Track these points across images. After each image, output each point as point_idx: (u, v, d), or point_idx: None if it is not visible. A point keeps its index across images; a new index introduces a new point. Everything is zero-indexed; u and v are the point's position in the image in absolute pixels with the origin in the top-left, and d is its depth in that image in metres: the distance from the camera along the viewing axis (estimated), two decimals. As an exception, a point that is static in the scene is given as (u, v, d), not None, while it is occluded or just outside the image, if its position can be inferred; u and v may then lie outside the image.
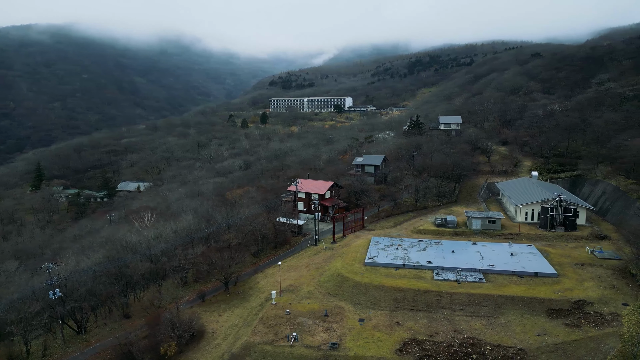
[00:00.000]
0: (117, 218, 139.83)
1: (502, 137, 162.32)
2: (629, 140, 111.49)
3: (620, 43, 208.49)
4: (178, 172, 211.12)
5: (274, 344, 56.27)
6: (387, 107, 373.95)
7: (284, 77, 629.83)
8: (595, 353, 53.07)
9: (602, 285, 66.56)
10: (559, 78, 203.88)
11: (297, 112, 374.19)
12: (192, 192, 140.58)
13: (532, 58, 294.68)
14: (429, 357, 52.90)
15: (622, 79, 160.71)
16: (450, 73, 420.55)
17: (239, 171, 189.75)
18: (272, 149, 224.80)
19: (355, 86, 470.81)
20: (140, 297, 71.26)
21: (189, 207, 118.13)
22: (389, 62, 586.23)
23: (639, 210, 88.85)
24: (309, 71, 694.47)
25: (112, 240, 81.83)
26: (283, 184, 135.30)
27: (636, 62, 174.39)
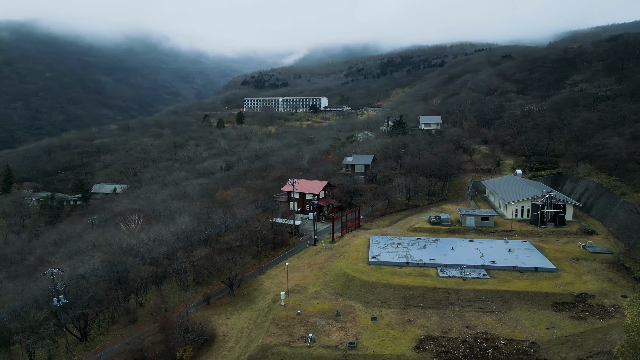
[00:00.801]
0: (98, 221, 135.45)
1: (483, 137, 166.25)
2: (607, 139, 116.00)
3: (590, 46, 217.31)
4: (156, 173, 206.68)
5: (291, 345, 55.88)
6: (362, 107, 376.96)
7: (257, 77, 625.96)
8: (603, 344, 55.10)
9: (600, 279, 69.15)
10: (533, 79, 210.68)
11: (273, 112, 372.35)
12: (177, 194, 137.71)
13: (503, 59, 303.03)
14: (446, 354, 53.71)
15: (594, 80, 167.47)
16: (422, 74, 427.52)
17: (221, 172, 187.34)
18: (252, 149, 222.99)
19: (329, 86, 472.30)
20: (143, 302, 69.32)
21: (177, 209, 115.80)
22: (362, 63, 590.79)
23: (624, 206, 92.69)
24: (281, 71, 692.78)
25: (110, 243, 79.17)
26: (271, 185, 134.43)
27: (606, 64, 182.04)
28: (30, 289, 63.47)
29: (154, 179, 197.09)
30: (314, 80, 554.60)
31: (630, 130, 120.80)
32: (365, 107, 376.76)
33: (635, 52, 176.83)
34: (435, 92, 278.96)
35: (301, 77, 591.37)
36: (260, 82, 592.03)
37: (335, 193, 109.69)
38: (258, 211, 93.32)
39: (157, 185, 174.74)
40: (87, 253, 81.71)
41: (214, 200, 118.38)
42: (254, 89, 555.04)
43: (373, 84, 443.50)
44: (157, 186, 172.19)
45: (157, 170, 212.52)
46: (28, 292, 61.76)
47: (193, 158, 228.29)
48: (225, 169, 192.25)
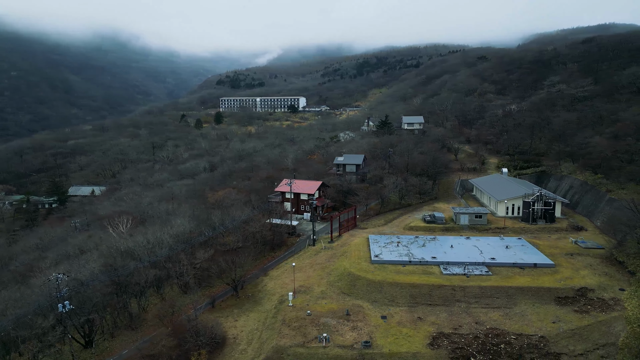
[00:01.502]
0: (82, 224, 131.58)
1: (465, 137, 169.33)
2: (589, 139, 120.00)
3: (565, 48, 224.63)
4: (136, 175, 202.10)
5: (306, 346, 55.68)
6: (340, 108, 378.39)
7: (232, 76, 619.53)
8: (608, 336, 57.01)
9: (596, 273, 71.54)
10: (511, 80, 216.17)
11: (252, 112, 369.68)
12: (163, 195, 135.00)
13: (479, 61, 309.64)
14: (460, 350, 54.55)
15: (571, 81, 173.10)
16: (399, 74, 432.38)
17: (204, 173, 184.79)
18: (234, 149, 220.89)
19: (306, 86, 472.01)
20: (145, 306, 67.74)
21: (167, 211, 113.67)
22: (337, 63, 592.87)
23: (610, 202, 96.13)
24: (257, 70, 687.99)
25: (110, 247, 76.87)
26: (260, 185, 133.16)
27: (581, 66, 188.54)
28: (29, 296, 61.03)
29: (134, 180, 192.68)
30: (291, 80, 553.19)
31: (610, 129, 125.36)
32: (343, 107, 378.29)
33: (609, 54, 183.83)
34: (414, 92, 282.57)
35: (277, 77, 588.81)
36: (236, 81, 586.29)
37: (329, 193, 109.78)
38: (256, 212, 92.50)
39: (140, 187, 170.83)
40: (80, 257, 79.09)
41: (205, 202, 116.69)
42: (229, 89, 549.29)
43: (350, 84, 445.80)
44: (140, 188, 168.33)
45: (136, 172, 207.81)
46: (27, 299, 59.35)
47: (173, 159, 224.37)
48: (209, 169, 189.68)
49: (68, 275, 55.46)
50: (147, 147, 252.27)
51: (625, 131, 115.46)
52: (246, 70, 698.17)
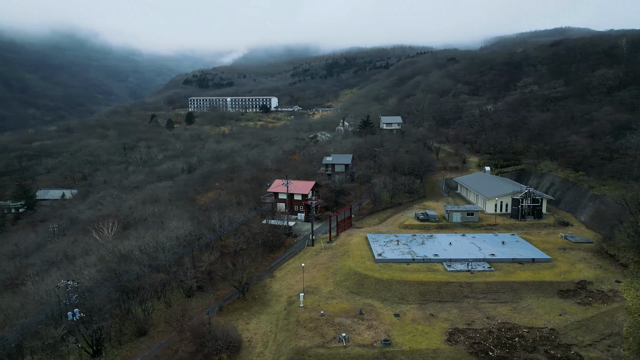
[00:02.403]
0: (59, 229, 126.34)
1: (445, 136, 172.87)
2: (567, 137, 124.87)
3: (534, 50, 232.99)
4: (109, 177, 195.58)
5: (326, 347, 55.47)
6: (313, 108, 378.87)
7: (199, 76, 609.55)
8: (612, 326, 59.56)
9: (591, 266, 74.65)
10: (484, 81, 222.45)
11: (224, 112, 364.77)
12: (145, 198, 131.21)
13: (449, 62, 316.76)
14: (478, 345, 55.70)
15: (543, 83, 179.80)
16: (369, 75, 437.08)
17: (183, 174, 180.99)
18: (210, 150, 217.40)
19: (277, 86, 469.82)
20: (150, 311, 65.74)
21: (155, 213, 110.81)
22: (307, 64, 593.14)
23: (593, 198, 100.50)
24: (224, 70, 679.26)
25: (110, 251, 73.92)
26: (246, 186, 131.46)
27: (550, 68, 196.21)
28: (30, 304, 57.97)
29: (108, 183, 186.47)
30: (260, 80, 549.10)
31: (585, 129, 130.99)
32: (316, 107, 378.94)
33: (577, 56, 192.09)
34: (388, 92, 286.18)
35: (246, 77, 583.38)
36: (204, 81, 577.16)
37: (322, 193, 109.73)
38: (255, 213, 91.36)
39: (118, 189, 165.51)
40: (74, 263, 75.69)
41: (193, 204, 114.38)
42: (197, 89, 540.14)
43: (322, 84, 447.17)
44: (117, 190, 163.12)
45: (109, 174, 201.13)
46: (29, 308, 56.33)
47: (147, 160, 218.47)
48: (187, 171, 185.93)
49: (78, 282, 53.06)
50: (118, 149, 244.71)
51: (601, 130, 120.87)
52: (213, 70, 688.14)
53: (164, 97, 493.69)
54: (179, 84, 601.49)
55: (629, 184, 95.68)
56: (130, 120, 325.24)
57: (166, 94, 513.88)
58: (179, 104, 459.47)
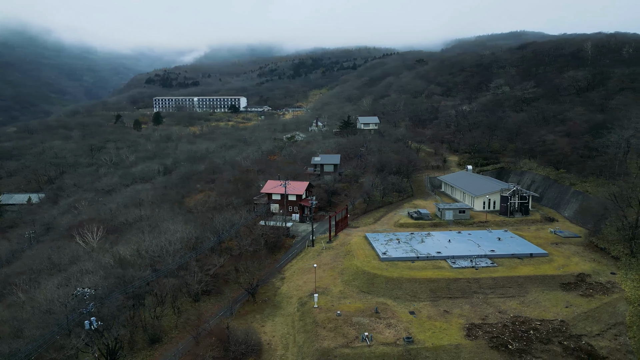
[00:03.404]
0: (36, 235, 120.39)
1: (423, 136, 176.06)
2: (544, 136, 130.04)
3: (504, 52, 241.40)
4: (79, 180, 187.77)
5: (350, 347, 55.51)
6: (282, 108, 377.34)
7: (162, 75, 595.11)
8: (616, 316, 62.63)
9: (585, 260, 78.08)
10: (456, 82, 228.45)
11: (192, 112, 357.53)
12: (129, 201, 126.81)
13: (418, 64, 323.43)
14: (497, 339, 57.20)
15: (513, 84, 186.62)
16: (337, 75, 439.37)
17: (159, 176, 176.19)
18: (185, 151, 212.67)
19: (244, 86, 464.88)
20: (160, 317, 63.67)
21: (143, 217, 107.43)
22: (273, 64, 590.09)
23: (575, 195, 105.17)
24: (188, 69, 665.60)
25: (115, 257, 70.76)
26: (231, 187, 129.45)
27: (519, 70, 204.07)
28: (38, 314, 54.73)
29: (79, 186, 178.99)
30: (226, 80, 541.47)
31: (559, 128, 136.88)
32: (285, 107, 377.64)
33: (544, 59, 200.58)
34: (360, 93, 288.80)
35: (211, 77, 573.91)
36: (167, 80, 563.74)
37: (317, 193, 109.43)
38: (255, 215, 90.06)
39: (91, 192, 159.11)
40: (71, 270, 72.17)
41: (182, 206, 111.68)
42: (161, 88, 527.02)
43: (290, 84, 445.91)
44: (91, 194, 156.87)
45: (79, 177, 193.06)
46: (38, 318, 53.16)
47: (118, 162, 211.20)
48: (163, 172, 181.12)
49: (95, 290, 50.65)
50: (85, 150, 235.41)
51: (577, 129, 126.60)
52: (175, 69, 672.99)
53: (127, 96, 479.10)
54: (140, 83, 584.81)
55: (609, 180, 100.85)
56: (94, 120, 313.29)
57: (128, 94, 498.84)
58: (142, 104, 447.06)
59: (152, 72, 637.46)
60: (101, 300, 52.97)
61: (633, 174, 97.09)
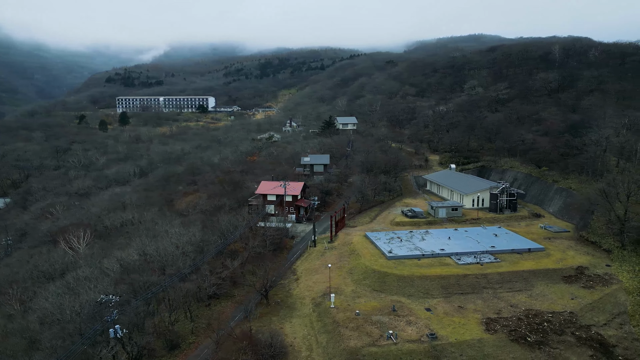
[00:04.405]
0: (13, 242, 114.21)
1: (402, 136, 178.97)
2: (524, 135, 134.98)
3: (474, 54, 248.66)
4: (49, 184, 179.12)
5: (377, 345, 55.87)
6: (252, 108, 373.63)
7: (123, 74, 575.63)
8: (618, 306, 65.99)
9: (580, 253, 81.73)
10: (430, 83, 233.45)
11: (160, 113, 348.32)
12: (112, 205, 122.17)
13: (388, 65, 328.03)
14: (515, 332, 59.02)
15: (486, 85, 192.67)
16: (306, 76, 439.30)
17: (135, 178, 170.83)
18: (159, 152, 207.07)
19: (211, 86, 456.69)
20: (174, 321, 61.84)
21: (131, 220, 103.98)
22: (239, 63, 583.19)
23: (559, 191, 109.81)
24: (149, 68, 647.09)
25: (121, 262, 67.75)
26: (218, 189, 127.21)
27: (491, 71, 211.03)
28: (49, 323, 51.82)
29: (49, 190, 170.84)
30: (191, 80, 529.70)
31: (535, 127, 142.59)
32: (255, 107, 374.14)
33: (514, 61, 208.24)
34: (333, 93, 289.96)
35: (175, 76, 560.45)
36: (129, 79, 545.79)
37: (314, 193, 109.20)
38: (259, 216, 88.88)
39: (64, 196, 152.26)
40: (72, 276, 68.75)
41: (172, 208, 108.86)
42: (123, 87, 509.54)
43: (259, 84, 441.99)
44: (65, 198, 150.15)
45: (47, 180, 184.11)
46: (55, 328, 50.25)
47: (88, 164, 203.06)
48: (139, 174, 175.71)
49: (120, 296, 48.58)
50: (50, 152, 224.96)
51: (554, 129, 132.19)
52: (136, 67, 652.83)
53: (87, 96, 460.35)
54: (100, 83, 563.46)
55: (591, 177, 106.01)
56: (56, 121, 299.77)
57: (88, 93, 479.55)
58: (104, 104, 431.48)
59: (112, 71, 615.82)
60: (123, 307, 50.84)
61: (614, 170, 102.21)
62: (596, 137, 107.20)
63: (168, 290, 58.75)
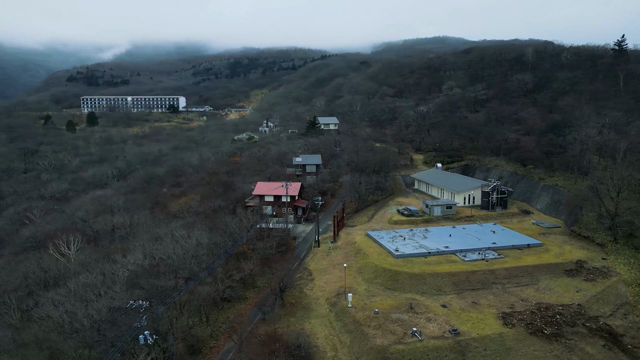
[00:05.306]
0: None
1: (384, 136, 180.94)
2: (507, 135, 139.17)
3: (450, 56, 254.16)
4: (19, 187, 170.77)
5: (403, 342, 56.37)
6: (225, 108, 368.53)
7: (85, 72, 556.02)
8: (621, 297, 69.08)
9: (576, 247, 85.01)
10: (407, 84, 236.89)
11: (129, 113, 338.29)
12: (99, 209, 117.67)
13: (362, 65, 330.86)
14: (531, 325, 60.83)
15: (464, 86, 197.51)
16: (278, 76, 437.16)
17: (114, 181, 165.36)
18: (136, 153, 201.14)
19: (181, 85, 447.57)
20: (192, 326, 60.38)
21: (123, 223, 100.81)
22: (208, 62, 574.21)
23: (545, 189, 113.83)
24: (113, 66, 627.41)
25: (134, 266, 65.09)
26: (207, 191, 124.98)
27: (467, 73, 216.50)
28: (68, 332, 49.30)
29: (22, 193, 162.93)
30: (158, 79, 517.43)
31: (516, 127, 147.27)
32: (228, 107, 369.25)
33: (489, 62, 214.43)
34: (309, 94, 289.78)
35: (141, 75, 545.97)
36: (92, 78, 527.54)
37: (311, 193, 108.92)
38: (266, 218, 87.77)
39: (40, 201, 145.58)
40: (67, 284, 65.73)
41: (165, 211, 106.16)
42: (86, 86, 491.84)
43: (230, 84, 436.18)
44: (41, 202, 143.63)
45: (17, 183, 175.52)
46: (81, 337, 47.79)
47: (60, 167, 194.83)
48: (117, 177, 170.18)
49: (151, 302, 46.86)
50: (17, 154, 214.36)
51: (536, 128, 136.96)
52: (98, 66, 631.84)
53: (48, 95, 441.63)
54: (61, 82, 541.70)
55: (576, 174, 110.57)
56: (19, 122, 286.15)
57: (49, 93, 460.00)
58: (67, 103, 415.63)
59: (73, 70, 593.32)
60: (152, 313, 49.09)
61: (598, 168, 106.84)
62: (580, 136, 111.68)
63: (186, 294, 57.20)
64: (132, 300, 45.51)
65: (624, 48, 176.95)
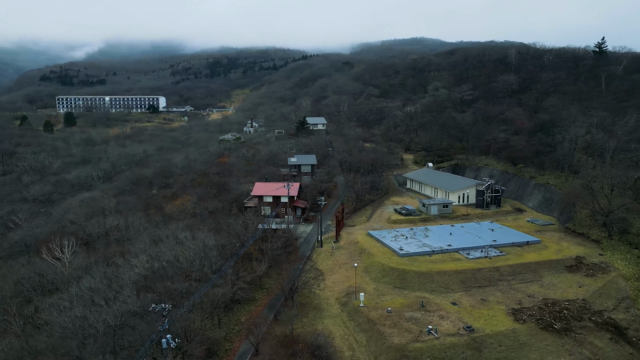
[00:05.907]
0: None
1: (375, 136, 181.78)
2: (496, 135, 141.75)
3: (434, 57, 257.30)
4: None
5: (421, 340, 56.79)
6: (206, 108, 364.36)
7: (59, 72, 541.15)
8: (621, 291, 71.22)
9: (573, 244, 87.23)
10: (393, 85, 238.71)
11: (108, 113, 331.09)
12: (90, 211, 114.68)
13: (345, 66, 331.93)
14: (541, 321, 62.08)
15: (450, 87, 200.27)
16: (259, 76, 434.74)
17: (99, 182, 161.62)
18: (121, 154, 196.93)
19: (160, 85, 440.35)
20: (205, 328, 59.47)
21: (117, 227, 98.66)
22: (186, 62, 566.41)
23: (537, 187, 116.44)
24: (87, 65, 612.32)
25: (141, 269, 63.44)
26: (201, 191, 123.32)
27: (451, 74, 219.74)
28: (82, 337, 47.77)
29: (3, 197, 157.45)
30: (135, 78, 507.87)
31: (504, 127, 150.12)
32: (209, 107, 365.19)
33: (473, 63, 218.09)
34: (294, 94, 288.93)
35: (117, 74, 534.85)
36: (67, 77, 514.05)
37: (310, 194, 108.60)
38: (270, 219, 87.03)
39: (24, 204, 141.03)
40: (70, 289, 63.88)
41: (161, 212, 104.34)
42: (60, 86, 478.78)
43: (211, 84, 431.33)
44: (26, 205, 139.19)
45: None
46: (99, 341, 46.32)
47: (41, 169, 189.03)
48: (103, 178, 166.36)
49: (173, 305, 45.83)
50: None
51: (524, 128, 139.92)
52: (71, 65, 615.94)
53: (21, 95, 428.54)
54: (33, 81, 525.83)
55: (566, 173, 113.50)
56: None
57: (22, 92, 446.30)
58: (41, 103, 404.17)
59: (46, 69, 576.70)
60: (174, 315, 48.06)
61: (589, 166, 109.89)
62: (570, 136, 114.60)
63: (200, 296, 56.32)
64: (154, 304, 44.34)
65: (604, 50, 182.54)
